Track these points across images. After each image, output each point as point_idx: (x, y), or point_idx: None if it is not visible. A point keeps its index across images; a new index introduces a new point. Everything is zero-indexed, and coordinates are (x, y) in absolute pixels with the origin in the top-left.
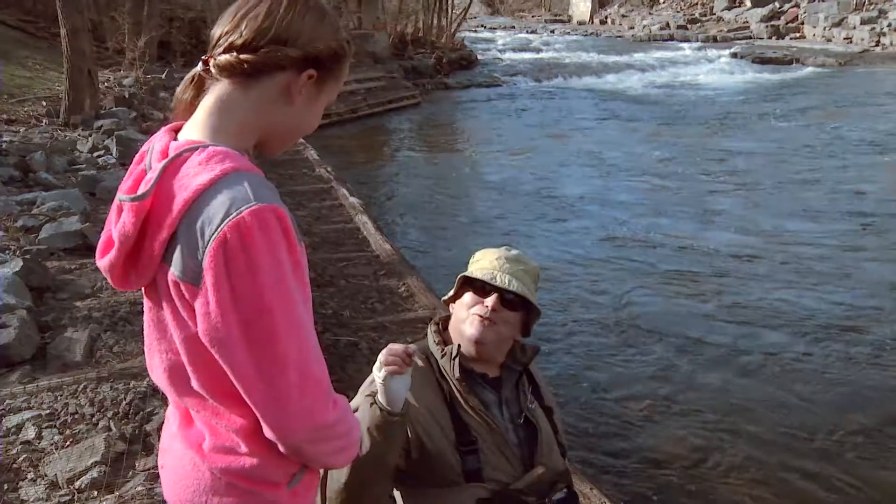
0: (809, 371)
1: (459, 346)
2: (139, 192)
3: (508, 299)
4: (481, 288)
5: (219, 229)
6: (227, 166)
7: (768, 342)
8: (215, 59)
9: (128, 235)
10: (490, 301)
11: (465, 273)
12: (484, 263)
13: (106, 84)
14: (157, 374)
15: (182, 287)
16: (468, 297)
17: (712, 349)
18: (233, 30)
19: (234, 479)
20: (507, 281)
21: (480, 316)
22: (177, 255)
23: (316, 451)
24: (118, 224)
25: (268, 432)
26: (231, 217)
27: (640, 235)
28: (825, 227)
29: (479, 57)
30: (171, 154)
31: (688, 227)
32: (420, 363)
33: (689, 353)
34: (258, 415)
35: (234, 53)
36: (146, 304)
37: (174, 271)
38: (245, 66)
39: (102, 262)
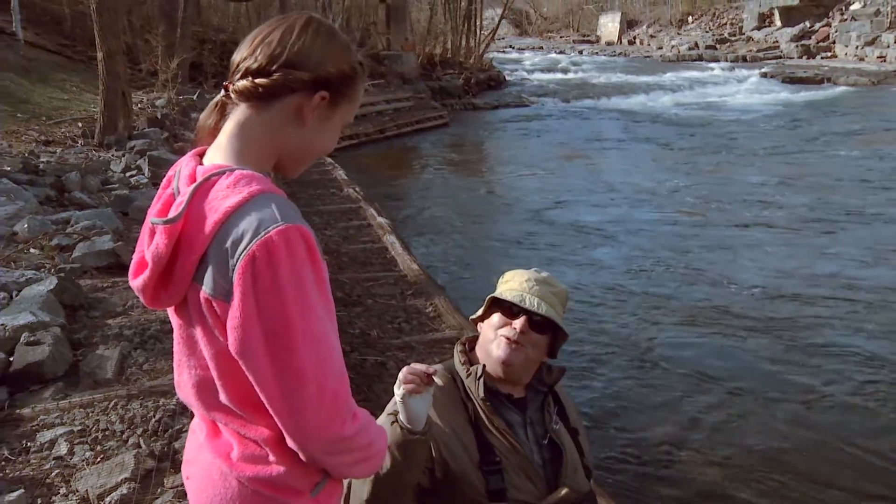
0: (863, 422)
1: (484, 366)
2: (171, 216)
3: (536, 322)
4: (510, 309)
5: (248, 247)
6: (254, 188)
7: (815, 386)
8: (234, 85)
9: (161, 256)
10: (518, 323)
11: (494, 294)
12: (513, 284)
13: (139, 105)
14: (186, 390)
15: (214, 304)
16: (497, 318)
17: (751, 387)
18: (249, 56)
19: (260, 487)
20: (535, 303)
21: (508, 338)
22: (208, 274)
23: (334, 462)
24: (151, 246)
25: (289, 441)
26: (260, 236)
27: (669, 266)
28: (882, 270)
29: (508, 77)
30: (200, 178)
31: (721, 260)
32: (441, 382)
33: (723, 388)
34: (279, 424)
35: (250, 78)
36: (176, 322)
37: (205, 289)
38: (259, 89)
39: (136, 282)
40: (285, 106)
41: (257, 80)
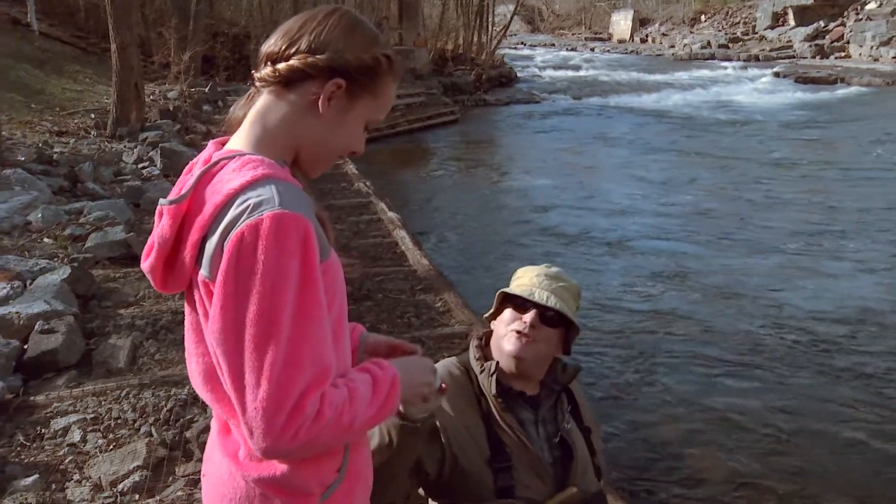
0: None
1: (498, 363)
2: (176, 197)
3: (548, 316)
4: (521, 304)
5: (237, 226)
6: (258, 173)
7: (832, 401)
8: (258, 73)
9: (165, 238)
10: (528, 317)
11: (504, 290)
12: (524, 280)
13: (151, 97)
14: (195, 379)
15: (212, 287)
16: (508, 314)
17: (766, 395)
18: (273, 45)
19: (267, 489)
20: (545, 297)
21: (519, 332)
22: (206, 256)
23: (312, 454)
24: (157, 227)
25: (249, 443)
26: (252, 217)
27: (680, 277)
28: None
29: (519, 74)
30: (211, 162)
31: (741, 280)
32: (457, 373)
33: (737, 395)
34: (240, 421)
35: (270, 63)
36: (186, 309)
37: (203, 271)
38: (277, 73)
39: (145, 264)
40: (303, 92)
41: (277, 66)
